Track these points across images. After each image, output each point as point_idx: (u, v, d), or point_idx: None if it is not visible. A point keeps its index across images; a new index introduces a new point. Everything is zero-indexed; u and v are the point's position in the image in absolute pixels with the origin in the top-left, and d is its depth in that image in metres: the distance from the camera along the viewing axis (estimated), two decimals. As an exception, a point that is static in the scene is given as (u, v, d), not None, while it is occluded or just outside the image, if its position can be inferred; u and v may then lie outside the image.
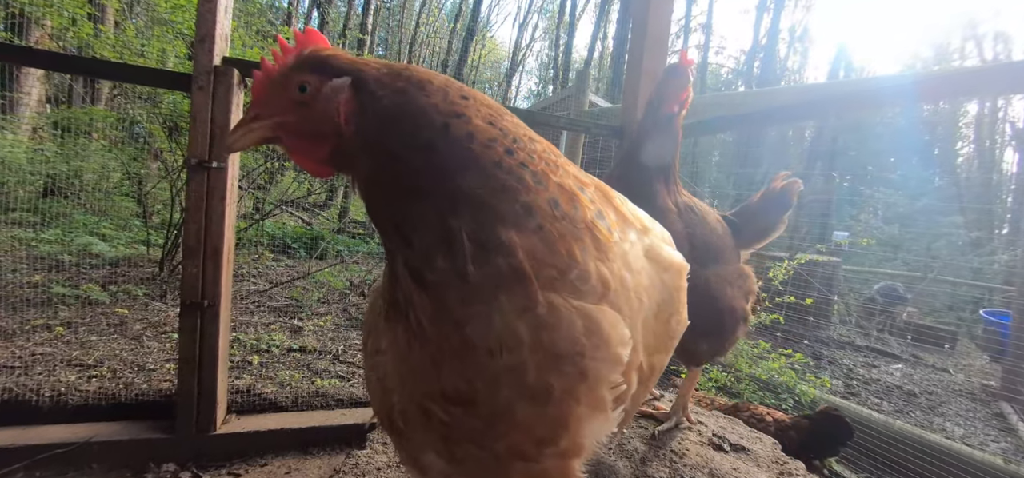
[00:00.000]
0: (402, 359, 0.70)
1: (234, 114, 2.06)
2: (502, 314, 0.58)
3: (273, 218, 7.01)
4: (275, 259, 6.18)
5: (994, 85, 2.79)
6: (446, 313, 0.60)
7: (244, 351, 3.50)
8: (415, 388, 0.66)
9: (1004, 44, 26.87)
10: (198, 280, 2.08)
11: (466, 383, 0.60)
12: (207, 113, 2.02)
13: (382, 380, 0.74)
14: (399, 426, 0.71)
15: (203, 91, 2.02)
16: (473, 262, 0.58)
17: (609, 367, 0.61)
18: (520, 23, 33.79)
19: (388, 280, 0.73)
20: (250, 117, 0.70)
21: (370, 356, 0.80)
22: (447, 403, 0.62)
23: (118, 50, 4.18)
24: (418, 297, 0.62)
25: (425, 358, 0.63)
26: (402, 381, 0.70)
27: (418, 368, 0.64)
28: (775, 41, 30.72)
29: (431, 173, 0.61)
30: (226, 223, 2.09)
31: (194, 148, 2.04)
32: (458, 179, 0.60)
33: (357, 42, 13.88)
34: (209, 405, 2.20)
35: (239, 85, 2.10)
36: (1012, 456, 3.99)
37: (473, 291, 0.58)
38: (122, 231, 5.89)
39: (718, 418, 1.69)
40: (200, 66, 2.01)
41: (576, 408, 0.61)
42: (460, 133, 0.62)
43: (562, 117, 3.44)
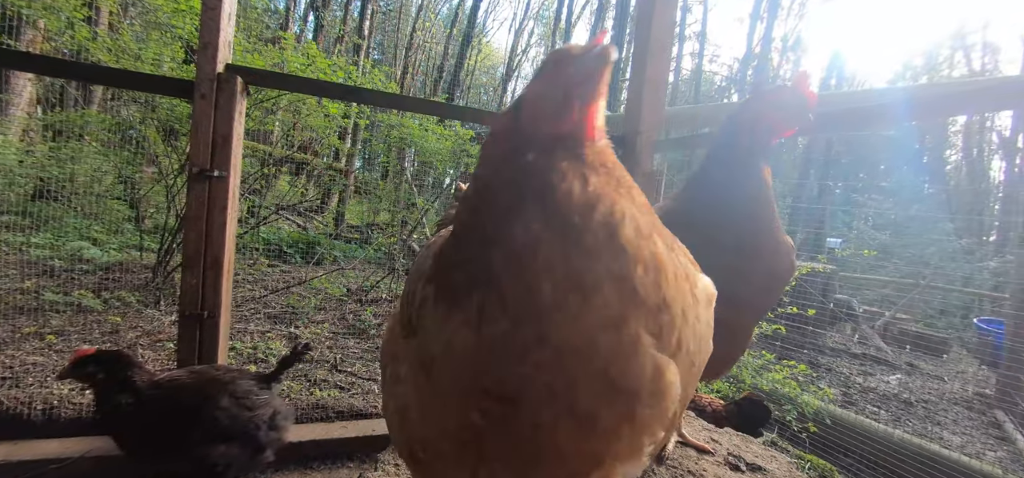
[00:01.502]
0: (420, 387, 0.67)
1: (236, 122, 2.02)
2: (591, 323, 0.56)
3: (268, 224, 6.94)
4: (271, 265, 6.12)
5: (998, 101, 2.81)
6: (534, 296, 0.58)
7: (240, 360, 3.44)
8: (456, 385, 0.63)
9: (992, 55, 27.40)
10: (198, 291, 2.03)
11: (519, 378, 0.58)
12: (210, 121, 1.98)
13: (402, 410, 0.71)
14: (419, 456, 0.69)
15: (206, 99, 1.98)
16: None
17: (657, 421, 0.61)
18: (516, 29, 33.89)
19: (404, 299, 0.73)
20: None
21: (389, 385, 0.78)
22: (490, 399, 0.59)
23: (114, 54, 4.12)
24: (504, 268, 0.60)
25: (480, 346, 0.60)
26: (424, 411, 0.67)
27: (463, 357, 0.61)
28: (768, 49, 31.05)
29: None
30: (227, 233, 2.05)
31: (196, 156, 2.00)
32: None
33: (354, 47, 13.83)
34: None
35: (242, 93, 2.06)
36: (1010, 465, 4.01)
37: (576, 283, 0.57)
38: (114, 235, 5.80)
39: (732, 436, 1.67)
40: (203, 73, 1.98)
41: (615, 445, 0.59)
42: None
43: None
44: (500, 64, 36.99)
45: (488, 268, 0.59)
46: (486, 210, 0.63)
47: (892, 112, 2.49)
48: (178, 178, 4.52)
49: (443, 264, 0.66)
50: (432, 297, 0.65)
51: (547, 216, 0.59)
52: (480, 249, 0.61)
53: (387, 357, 0.80)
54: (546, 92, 0.69)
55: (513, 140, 0.68)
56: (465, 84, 27.91)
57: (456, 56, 22.72)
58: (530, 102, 0.69)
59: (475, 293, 0.59)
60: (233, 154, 2.03)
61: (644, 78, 2.91)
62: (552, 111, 0.68)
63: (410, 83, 24.00)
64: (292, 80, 2.35)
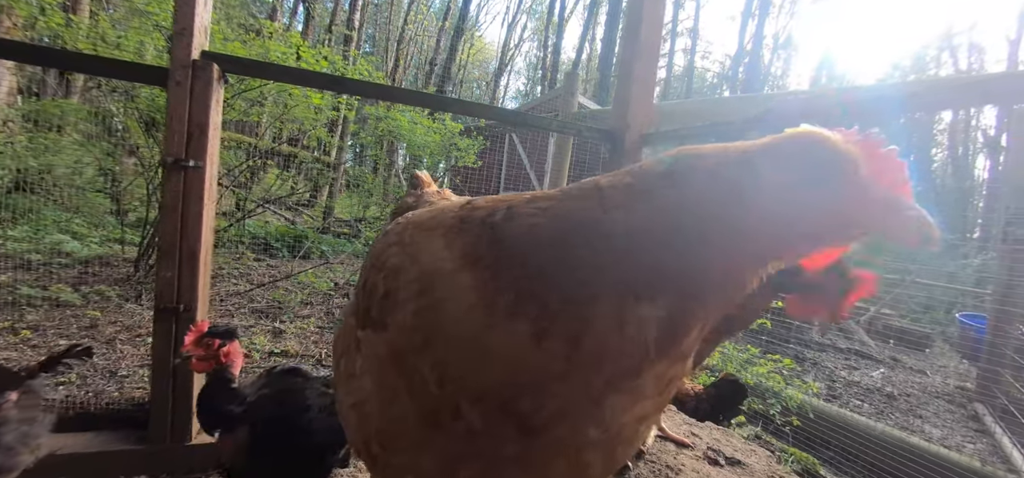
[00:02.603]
0: (379, 375, 0.66)
1: (212, 111, 1.97)
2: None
3: (255, 217, 6.85)
4: (257, 259, 6.03)
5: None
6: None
7: (223, 355, 3.38)
8: (467, 389, 0.61)
9: (978, 55, 27.85)
10: (173, 284, 1.98)
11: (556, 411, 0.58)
12: (185, 109, 1.93)
13: (359, 405, 0.69)
14: (374, 451, 0.67)
15: (181, 86, 1.93)
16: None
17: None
18: (509, 23, 33.79)
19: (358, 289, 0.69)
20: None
21: (344, 380, 0.76)
22: (509, 418, 0.59)
23: (92, 42, 4.01)
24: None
25: (532, 360, 0.58)
26: (386, 400, 0.65)
27: (503, 365, 0.59)
28: (759, 47, 31.27)
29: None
30: (204, 225, 2.00)
31: (170, 146, 1.94)
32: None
33: (343, 39, 13.66)
34: (185, 414, 2.10)
35: (219, 81, 2.01)
36: (988, 458, 4.09)
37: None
38: (95, 229, 5.68)
39: (712, 430, 1.67)
40: (177, 60, 1.92)
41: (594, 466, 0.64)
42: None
43: (553, 119, 3.41)
44: (493, 59, 36.86)
45: (587, 303, 0.57)
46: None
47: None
48: (159, 170, 4.43)
49: (532, 262, 0.62)
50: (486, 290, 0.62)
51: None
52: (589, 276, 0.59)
53: (341, 351, 0.78)
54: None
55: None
56: (457, 78, 27.73)
57: (448, 50, 22.56)
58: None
59: (556, 313, 0.58)
60: (209, 144, 1.98)
61: (632, 77, 2.89)
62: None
63: (401, 76, 23.80)
64: (272, 68, 2.29)
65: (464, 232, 0.66)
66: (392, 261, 0.70)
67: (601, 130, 3.01)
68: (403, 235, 0.74)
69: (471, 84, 35.88)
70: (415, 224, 0.74)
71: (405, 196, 1.24)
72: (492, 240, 0.63)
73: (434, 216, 0.73)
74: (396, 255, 0.71)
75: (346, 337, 0.79)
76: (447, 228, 0.68)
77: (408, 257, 0.69)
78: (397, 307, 0.65)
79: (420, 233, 0.71)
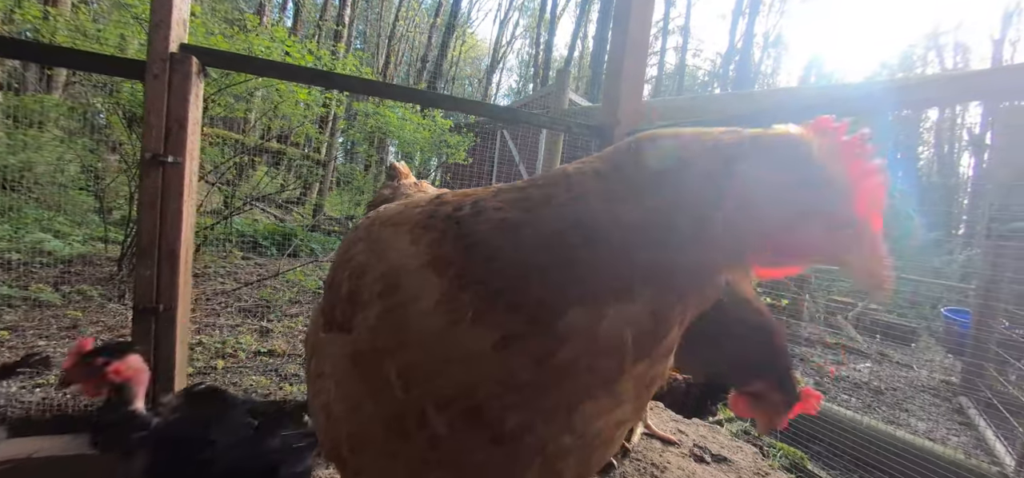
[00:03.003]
0: (345, 379, 0.64)
1: (192, 106, 1.92)
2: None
3: (243, 215, 6.75)
4: (244, 257, 5.95)
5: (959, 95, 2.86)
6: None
7: (208, 355, 3.33)
8: (434, 393, 0.58)
9: (963, 54, 28.30)
10: (152, 283, 1.94)
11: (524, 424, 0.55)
12: (163, 104, 1.88)
13: (326, 407, 0.66)
14: (344, 454, 0.65)
15: (158, 80, 1.88)
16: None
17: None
18: (501, 20, 33.65)
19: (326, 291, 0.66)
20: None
21: (313, 379, 0.74)
22: (476, 424, 0.56)
23: (71, 36, 3.91)
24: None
25: (499, 369, 0.55)
26: (352, 405, 0.63)
27: (468, 370, 0.56)
28: (750, 45, 31.51)
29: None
30: (184, 222, 1.96)
31: (149, 141, 1.89)
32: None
33: (334, 35, 13.51)
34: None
35: (198, 74, 1.96)
36: (972, 450, 4.15)
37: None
38: (78, 227, 5.57)
39: (698, 427, 1.67)
40: (155, 53, 1.87)
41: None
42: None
43: (543, 115, 3.39)
44: (485, 56, 36.72)
45: (558, 306, 0.54)
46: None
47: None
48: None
49: (494, 263, 0.58)
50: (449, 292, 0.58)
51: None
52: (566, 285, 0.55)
53: (310, 350, 0.76)
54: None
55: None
56: (449, 75, 27.61)
57: (439, 46, 22.43)
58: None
59: (531, 320, 0.54)
60: (189, 139, 1.93)
61: (621, 73, 2.89)
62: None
63: (393, 73, 23.63)
64: (254, 62, 2.24)
65: (430, 229, 0.63)
66: (357, 258, 0.67)
67: (590, 126, 3.00)
68: (370, 231, 0.70)
69: (463, 81, 35.75)
70: (382, 219, 0.70)
71: (382, 188, 1.20)
72: (458, 237, 0.59)
73: (402, 211, 0.69)
74: (362, 252, 0.67)
75: (314, 335, 0.76)
76: (413, 224, 0.65)
77: (373, 254, 0.65)
78: (361, 308, 0.62)
79: (386, 229, 0.67)
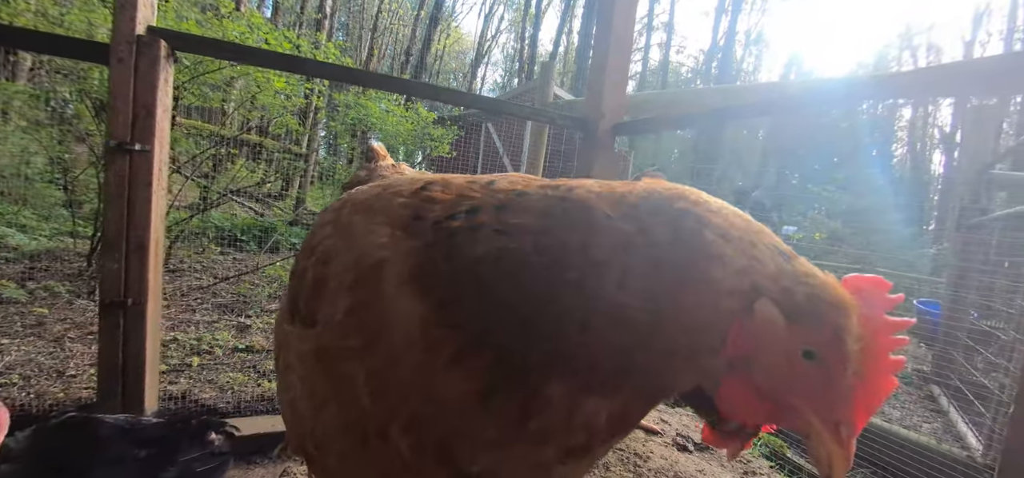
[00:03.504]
0: (309, 375, 0.59)
1: (161, 92, 1.84)
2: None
3: (221, 208, 6.58)
4: (222, 252, 5.80)
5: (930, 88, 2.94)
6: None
7: (183, 353, 3.23)
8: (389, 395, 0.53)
9: (936, 55, 29.22)
10: (120, 277, 1.86)
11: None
12: (129, 89, 1.80)
13: (293, 403, 0.62)
14: (310, 451, 0.61)
15: (124, 63, 1.79)
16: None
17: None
18: (486, 14, 33.43)
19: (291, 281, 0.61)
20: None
21: (281, 373, 0.69)
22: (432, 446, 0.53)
23: (34, 19, 3.73)
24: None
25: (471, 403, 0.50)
26: (316, 404, 0.58)
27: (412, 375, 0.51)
28: (732, 43, 31.95)
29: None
30: (153, 213, 1.88)
31: (114, 128, 1.81)
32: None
33: (314, 23, 13.22)
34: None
35: (167, 59, 1.88)
36: (942, 436, 4.29)
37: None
38: (45, 221, 5.34)
39: (682, 416, 1.68)
40: (120, 35, 1.79)
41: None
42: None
43: (528, 107, 3.36)
44: (470, 50, 36.44)
45: (543, 376, 0.49)
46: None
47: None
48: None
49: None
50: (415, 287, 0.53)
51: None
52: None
53: (278, 341, 0.71)
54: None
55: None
56: (433, 69, 27.34)
57: (423, 39, 22.17)
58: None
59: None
60: (157, 126, 1.86)
61: (606, 67, 2.89)
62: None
63: (376, 66, 23.25)
64: (225, 46, 2.16)
65: (413, 234, 0.55)
66: (325, 244, 0.61)
67: (574, 118, 2.98)
68: (339, 214, 0.63)
69: (448, 75, 35.45)
70: (354, 203, 0.64)
71: (358, 169, 1.14)
72: (447, 257, 0.52)
73: (379, 196, 0.62)
74: (330, 237, 0.61)
75: (280, 326, 0.71)
76: (393, 218, 0.58)
77: (343, 241, 0.59)
78: (327, 299, 0.56)
79: (359, 214, 0.61)
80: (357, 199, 0.64)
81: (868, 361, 0.50)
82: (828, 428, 0.50)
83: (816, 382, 0.50)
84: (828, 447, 0.50)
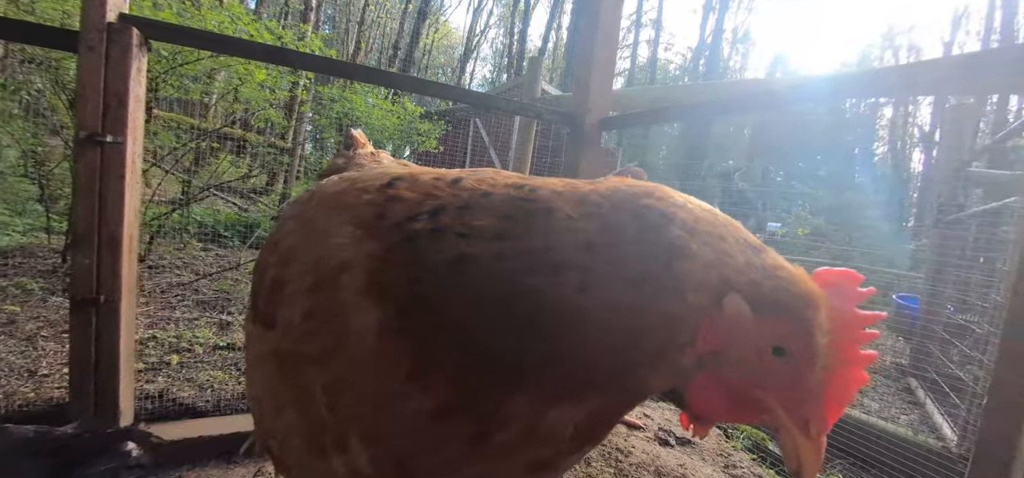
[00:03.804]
0: (270, 378, 0.57)
1: (133, 82, 1.79)
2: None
3: (203, 204, 6.44)
4: (204, 248, 5.69)
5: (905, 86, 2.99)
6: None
7: (162, 350, 3.16)
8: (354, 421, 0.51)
9: (916, 55, 29.89)
10: (92, 272, 1.81)
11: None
12: (99, 78, 1.74)
13: (257, 399, 0.60)
14: (275, 451, 0.59)
15: (94, 51, 1.73)
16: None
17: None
18: (475, 9, 33.23)
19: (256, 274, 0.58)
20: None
21: (247, 369, 0.67)
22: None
23: (4, 8, 3.59)
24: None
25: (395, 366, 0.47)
26: (276, 407, 0.56)
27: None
28: (719, 41, 32.24)
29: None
30: (126, 206, 1.83)
31: (84, 119, 1.75)
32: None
33: (300, 15, 13.00)
34: (110, 414, 1.93)
35: (140, 47, 1.82)
36: (919, 427, 4.39)
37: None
38: (18, 217, 5.18)
39: (664, 410, 1.68)
40: (90, 22, 1.73)
41: None
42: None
43: (515, 101, 3.34)
44: (459, 44, 36.21)
45: (504, 392, 0.47)
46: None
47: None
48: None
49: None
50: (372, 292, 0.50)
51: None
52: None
53: (246, 338, 0.68)
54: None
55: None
56: (421, 63, 27.11)
57: (411, 33, 21.97)
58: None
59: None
60: (130, 117, 1.80)
61: (593, 60, 2.88)
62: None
63: (363, 60, 22.99)
64: (201, 36, 2.11)
65: (375, 234, 0.52)
66: (286, 242, 0.57)
67: (561, 113, 2.97)
68: (305, 208, 0.60)
69: (436, 70, 35.20)
70: (321, 197, 0.60)
71: (336, 157, 1.09)
72: (406, 263, 0.49)
73: (347, 190, 0.58)
74: (292, 233, 0.57)
75: (246, 322, 0.69)
76: (357, 217, 0.54)
77: (305, 239, 0.55)
78: (286, 301, 0.53)
79: (324, 210, 0.57)
80: (325, 193, 0.61)
81: (838, 355, 0.49)
82: (797, 424, 0.49)
83: (785, 378, 0.49)
84: (796, 442, 0.49)
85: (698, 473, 1.29)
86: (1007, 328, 1.32)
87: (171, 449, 2.05)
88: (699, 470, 1.31)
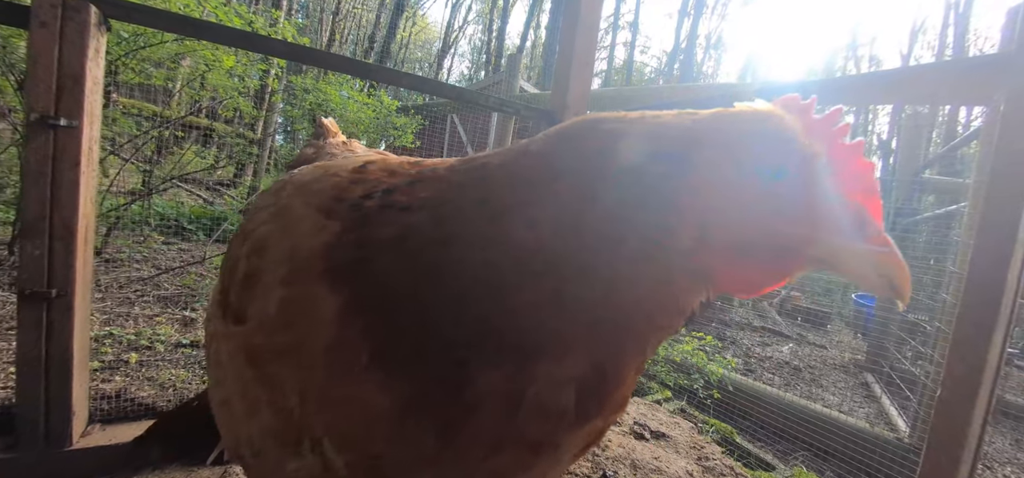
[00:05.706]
0: (242, 376, 0.53)
1: (91, 63, 1.69)
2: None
3: (165, 196, 6.16)
4: (166, 242, 5.44)
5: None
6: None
7: (119, 348, 3.01)
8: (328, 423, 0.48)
9: (876, 65, 31.43)
10: (43, 264, 1.69)
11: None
12: (52, 58, 1.63)
13: (226, 403, 0.56)
14: (247, 459, 0.55)
15: (47, 28, 1.63)
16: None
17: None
18: (453, 4, 32.91)
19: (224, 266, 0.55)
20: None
21: (212, 368, 0.62)
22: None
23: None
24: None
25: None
26: (249, 409, 0.52)
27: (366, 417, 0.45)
28: (693, 45, 32.99)
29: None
30: (81, 195, 1.72)
31: (36, 100, 1.64)
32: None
33: (272, 0, 12.57)
34: (63, 415, 1.82)
35: (99, 26, 1.72)
36: (874, 420, 4.62)
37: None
38: (-41, 205, 4.83)
39: (639, 405, 1.71)
40: (43, -2, 1.62)
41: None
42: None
43: (493, 97, 3.32)
44: (436, 40, 35.82)
45: (468, 367, 0.42)
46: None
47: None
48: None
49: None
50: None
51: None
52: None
53: (209, 334, 0.63)
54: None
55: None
56: (398, 57, 26.69)
57: (388, 26, 21.59)
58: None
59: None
60: (87, 99, 1.70)
61: (573, 54, 2.88)
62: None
63: (337, 51, 22.45)
64: (163, 16, 2.00)
65: (333, 216, 0.49)
66: (259, 231, 0.54)
67: (540, 110, 2.97)
68: (278, 196, 0.57)
69: (413, 64, 34.73)
70: (295, 184, 0.57)
71: (305, 146, 1.04)
72: (356, 243, 0.46)
73: (320, 177, 0.56)
74: (265, 222, 0.54)
75: (212, 319, 0.64)
76: (321, 201, 0.52)
77: (279, 227, 0.52)
78: (260, 294, 0.50)
79: (298, 198, 0.54)
80: (298, 180, 0.58)
81: (829, 151, 0.45)
82: (850, 233, 0.43)
83: (801, 192, 0.43)
84: (867, 258, 0.42)
85: (672, 465, 1.32)
86: (958, 324, 1.39)
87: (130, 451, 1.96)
88: (673, 462, 1.34)
